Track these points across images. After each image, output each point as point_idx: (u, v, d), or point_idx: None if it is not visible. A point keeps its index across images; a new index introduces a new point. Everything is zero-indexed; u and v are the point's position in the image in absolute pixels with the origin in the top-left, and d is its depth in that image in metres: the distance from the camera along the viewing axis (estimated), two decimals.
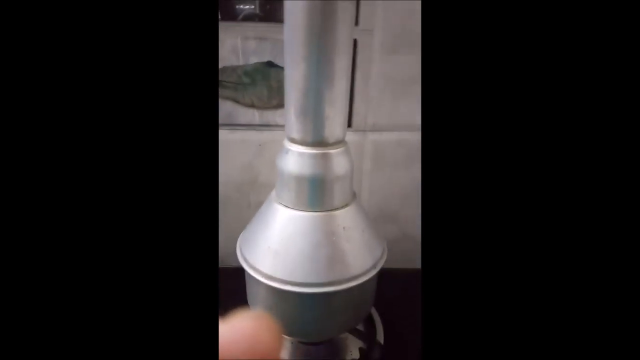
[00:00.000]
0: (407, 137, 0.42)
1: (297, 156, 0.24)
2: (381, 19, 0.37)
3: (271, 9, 0.36)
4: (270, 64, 0.38)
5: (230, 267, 0.30)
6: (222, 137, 0.41)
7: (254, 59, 0.38)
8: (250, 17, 0.36)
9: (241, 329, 0.08)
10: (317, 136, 0.24)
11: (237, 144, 0.41)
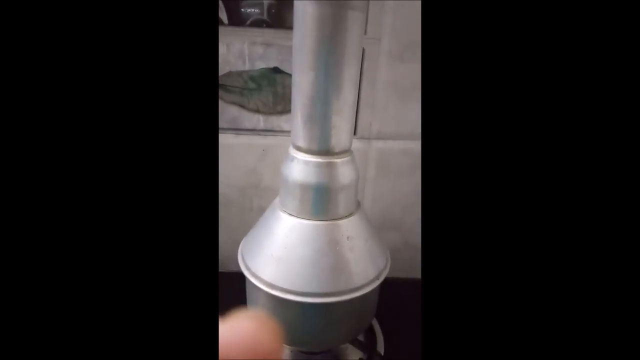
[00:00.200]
0: (412, 145, 0.42)
1: (302, 164, 0.24)
2: (389, 27, 0.37)
3: (278, 15, 0.36)
4: (276, 70, 0.38)
5: (231, 272, 0.30)
6: (227, 141, 0.41)
7: (260, 65, 0.38)
8: (257, 23, 0.36)
9: (241, 330, 0.08)
10: (323, 145, 0.24)
11: (241, 148, 0.41)
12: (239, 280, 0.28)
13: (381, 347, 0.34)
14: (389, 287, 0.30)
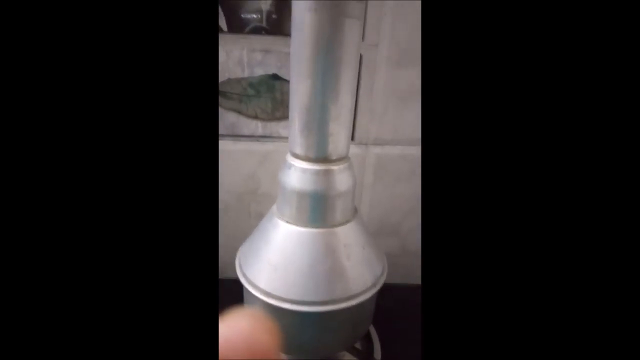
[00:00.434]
0: (410, 151, 0.42)
1: (299, 172, 0.24)
2: (387, 33, 0.37)
3: (277, 22, 0.36)
4: (275, 77, 0.38)
5: (229, 279, 0.30)
6: (225, 147, 0.41)
7: (259, 71, 0.38)
8: (257, 30, 0.37)
9: (238, 329, 0.08)
10: (321, 152, 0.24)
11: (240, 154, 0.41)
12: (237, 286, 0.28)
13: (378, 354, 0.33)
14: (386, 293, 0.30)
